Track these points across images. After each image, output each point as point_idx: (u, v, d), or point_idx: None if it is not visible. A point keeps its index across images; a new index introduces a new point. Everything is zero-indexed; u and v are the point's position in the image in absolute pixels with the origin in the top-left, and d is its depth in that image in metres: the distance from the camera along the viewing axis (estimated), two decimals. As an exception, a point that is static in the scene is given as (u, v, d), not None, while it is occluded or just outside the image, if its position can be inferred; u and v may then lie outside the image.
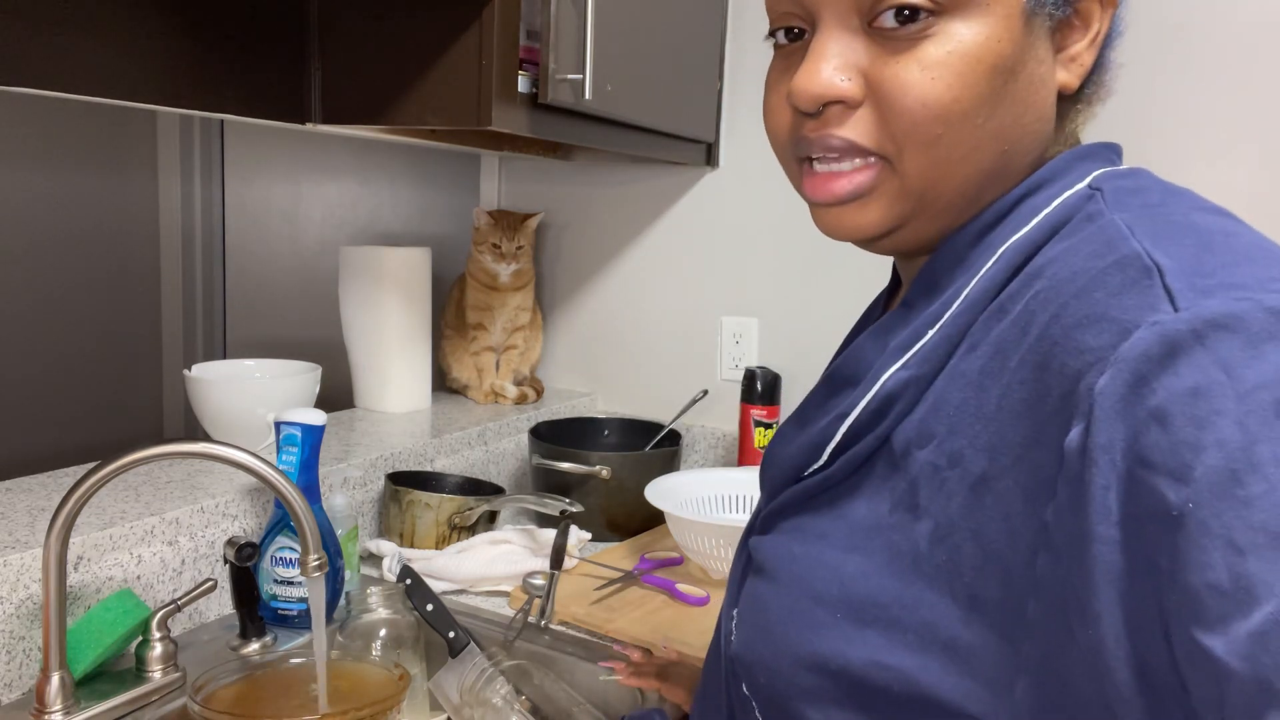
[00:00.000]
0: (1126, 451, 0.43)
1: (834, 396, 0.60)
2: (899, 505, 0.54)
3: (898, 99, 0.54)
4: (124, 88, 1.07)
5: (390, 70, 1.22)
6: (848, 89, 0.55)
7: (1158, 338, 0.43)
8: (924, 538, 0.52)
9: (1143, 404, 0.43)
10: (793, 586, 0.57)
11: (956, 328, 0.55)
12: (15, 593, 0.97)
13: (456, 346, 1.84)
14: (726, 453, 1.79)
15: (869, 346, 0.59)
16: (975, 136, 0.54)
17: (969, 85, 0.53)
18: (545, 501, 1.39)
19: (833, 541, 0.57)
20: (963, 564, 0.50)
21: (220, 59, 1.17)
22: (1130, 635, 0.43)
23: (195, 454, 0.92)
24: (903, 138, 0.54)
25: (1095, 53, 0.58)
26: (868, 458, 0.57)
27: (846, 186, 0.57)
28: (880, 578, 0.53)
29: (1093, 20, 0.57)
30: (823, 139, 0.56)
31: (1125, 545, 0.43)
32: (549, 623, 1.21)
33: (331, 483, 1.33)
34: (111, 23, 1.05)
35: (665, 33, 1.52)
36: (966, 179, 0.56)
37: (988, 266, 0.55)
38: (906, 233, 0.58)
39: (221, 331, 2.44)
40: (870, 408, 0.57)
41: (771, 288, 1.74)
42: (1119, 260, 0.48)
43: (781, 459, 0.63)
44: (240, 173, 2.42)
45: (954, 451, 0.52)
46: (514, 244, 1.79)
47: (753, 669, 0.59)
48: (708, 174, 1.78)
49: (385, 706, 0.95)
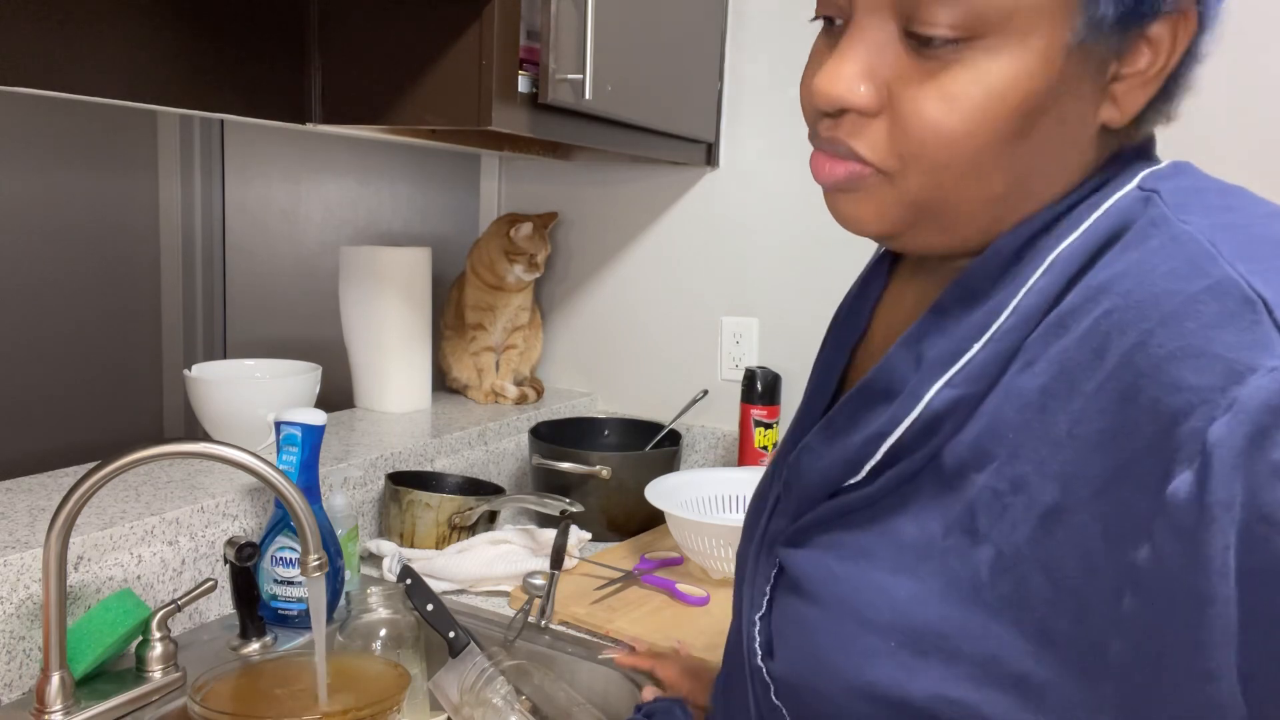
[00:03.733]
0: (1246, 506, 0.41)
1: (868, 410, 0.57)
2: (954, 528, 0.51)
3: (912, 125, 0.51)
4: (124, 88, 1.07)
5: (390, 70, 1.22)
6: (865, 101, 0.52)
7: (1278, 387, 0.41)
8: (985, 565, 0.49)
9: (1265, 458, 0.41)
10: (838, 609, 0.55)
11: (1009, 343, 0.52)
12: (15, 593, 0.97)
13: (456, 346, 1.84)
14: (726, 453, 1.79)
15: (902, 357, 0.56)
16: (984, 169, 0.52)
17: (988, 123, 0.50)
18: (545, 501, 1.39)
19: (878, 561, 0.54)
20: (1031, 597, 0.48)
21: (220, 59, 1.17)
22: (1248, 693, 0.42)
23: (195, 454, 0.92)
24: (909, 158, 0.52)
25: (1157, 85, 0.52)
26: (914, 474, 0.54)
27: (839, 173, 0.55)
28: (939, 605, 0.51)
29: (1160, 52, 0.51)
30: (832, 141, 0.54)
31: (1243, 602, 0.42)
32: (549, 623, 1.21)
33: (331, 483, 1.33)
34: (111, 23, 1.05)
35: (665, 33, 1.52)
36: (974, 200, 0.53)
37: (1037, 276, 0.52)
38: (913, 239, 0.56)
39: (221, 331, 2.44)
40: (914, 428, 0.54)
41: (771, 288, 1.74)
42: (1212, 287, 0.45)
43: (812, 472, 0.60)
44: (240, 173, 2.42)
45: (1017, 477, 0.49)
46: (546, 251, 1.79)
47: (799, 691, 0.57)
48: (708, 174, 1.78)
49: (385, 706, 0.95)
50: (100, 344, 2.25)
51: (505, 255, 1.76)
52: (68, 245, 2.16)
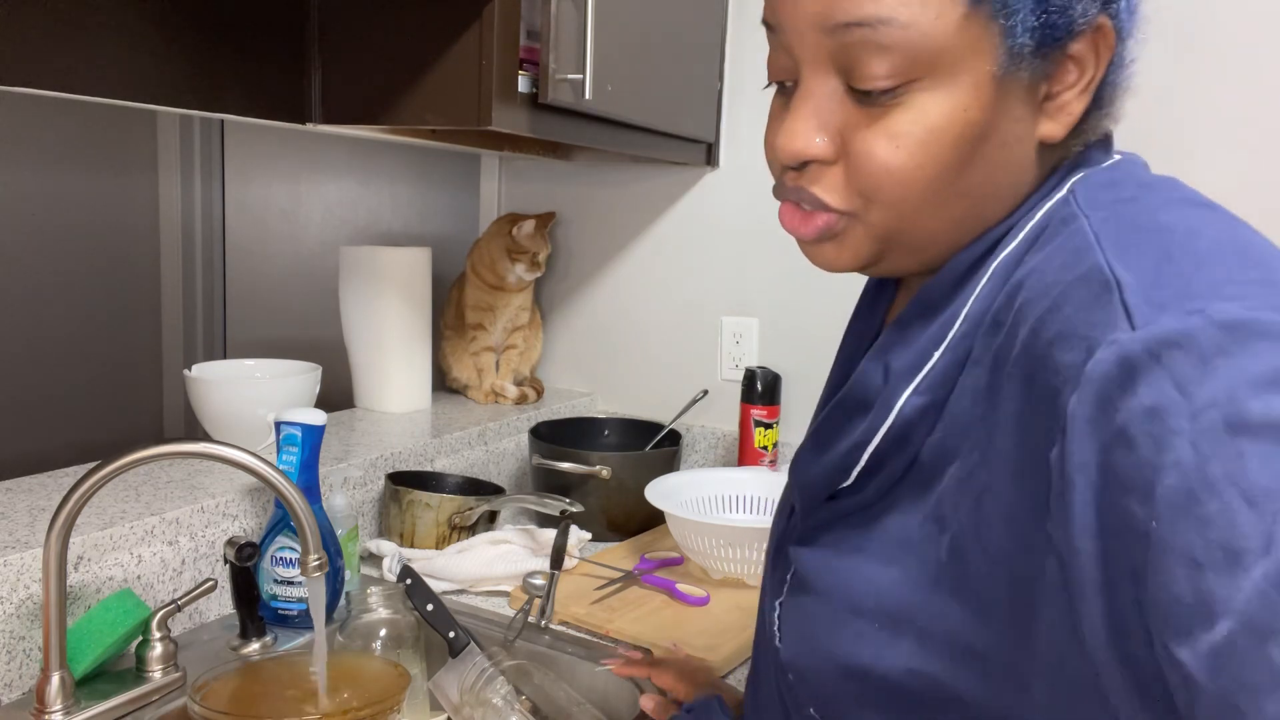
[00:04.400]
0: (1099, 469, 0.44)
1: (847, 421, 0.62)
2: (928, 519, 0.56)
3: (864, 165, 0.56)
4: (124, 88, 1.07)
5: (390, 70, 1.22)
6: (821, 150, 0.57)
7: (1116, 358, 0.44)
8: (945, 550, 0.54)
9: (1109, 424, 0.44)
10: (833, 598, 0.60)
11: (964, 348, 0.56)
12: (15, 593, 0.97)
13: (456, 346, 1.84)
14: (726, 453, 1.79)
15: (871, 369, 0.61)
16: (940, 196, 0.56)
17: (933, 155, 0.54)
18: (545, 501, 1.39)
19: (870, 555, 0.59)
20: (972, 572, 0.52)
21: (220, 59, 1.17)
22: (1118, 642, 0.44)
23: (195, 454, 0.92)
24: (869, 195, 0.56)
25: (1088, 98, 0.56)
26: (899, 478, 0.59)
27: (815, 227, 0.59)
28: (911, 590, 0.55)
29: (1086, 67, 0.56)
30: (797, 190, 0.59)
31: (1104, 558, 0.44)
32: (549, 623, 1.21)
33: (331, 483, 1.33)
34: (111, 23, 1.05)
35: (665, 33, 1.52)
36: (935, 228, 0.58)
37: (982, 285, 0.57)
38: (884, 266, 0.61)
39: (221, 331, 2.44)
40: (890, 435, 0.58)
41: (771, 288, 1.74)
42: (1084, 274, 0.49)
43: (808, 480, 0.65)
44: (240, 173, 2.42)
45: (972, 465, 0.53)
46: (547, 250, 1.79)
47: (804, 675, 0.62)
48: (708, 174, 1.78)
49: (385, 706, 0.95)
50: (100, 344, 2.25)
51: (507, 254, 1.77)
52: (68, 245, 2.16)
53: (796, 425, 1.71)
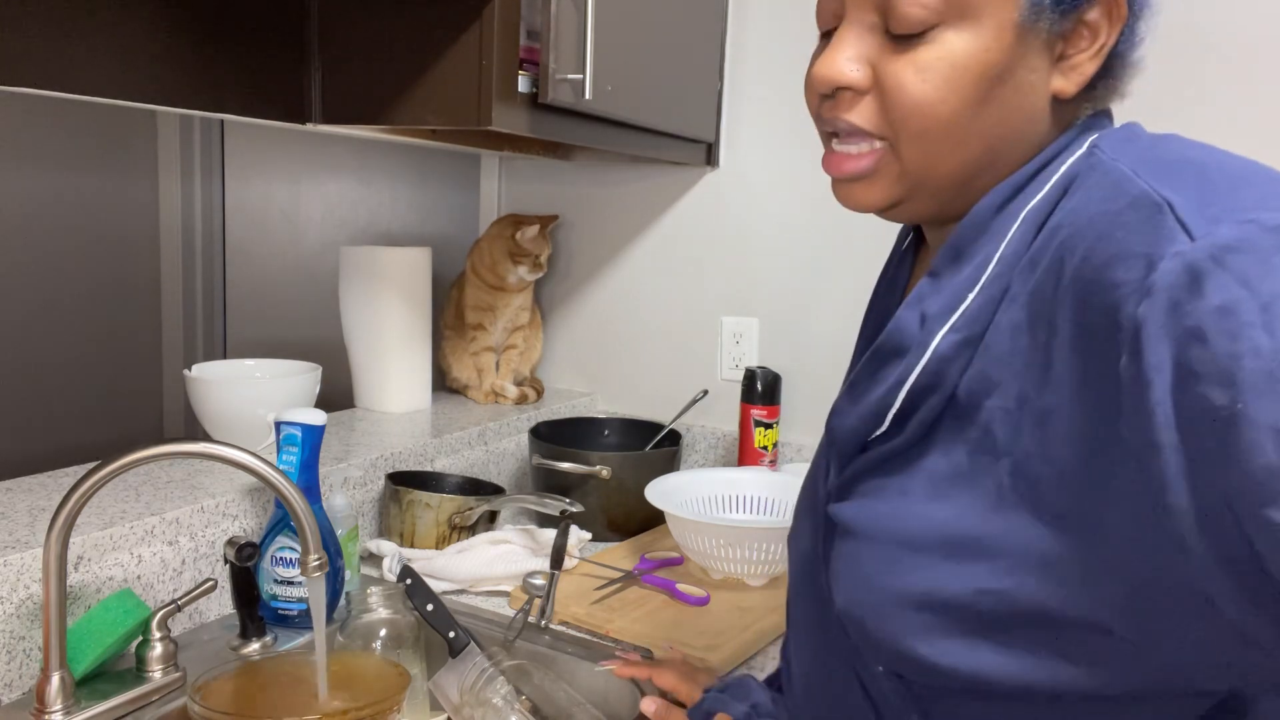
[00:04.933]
0: (1175, 367, 0.49)
1: (883, 367, 0.66)
2: (977, 450, 0.60)
3: (893, 94, 0.62)
4: (125, 88, 1.07)
5: (390, 70, 1.22)
6: (855, 77, 0.63)
7: (1183, 266, 0.49)
8: (1006, 474, 0.58)
9: (1181, 325, 0.49)
10: (883, 538, 0.63)
11: (998, 288, 0.61)
12: (15, 593, 0.97)
13: (456, 346, 1.84)
14: (726, 453, 1.79)
15: (907, 317, 0.65)
16: (961, 133, 0.62)
17: (955, 89, 0.60)
18: (545, 501, 1.39)
19: (915, 495, 0.63)
20: (1043, 488, 0.56)
21: (220, 59, 1.17)
22: (1206, 522, 0.48)
23: (195, 454, 0.92)
24: (897, 125, 0.62)
25: (1099, 62, 0.63)
26: (935, 418, 0.63)
27: (854, 167, 0.65)
28: (971, 517, 0.59)
29: (1099, 32, 0.62)
30: (833, 119, 0.65)
31: (1185, 447, 0.49)
32: (549, 623, 1.21)
33: (332, 483, 1.33)
34: (112, 23, 1.05)
35: (665, 33, 1.52)
36: (954, 168, 0.63)
37: (1013, 230, 0.62)
38: (907, 208, 0.67)
39: (221, 331, 2.44)
40: (928, 371, 0.62)
41: (771, 288, 1.74)
42: (1132, 201, 0.54)
43: (843, 430, 0.69)
44: (240, 173, 2.42)
45: (1021, 394, 0.58)
46: (548, 252, 1.79)
47: (862, 620, 0.64)
48: (708, 174, 1.78)
49: (385, 706, 0.95)
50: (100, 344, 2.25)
51: (510, 257, 1.77)
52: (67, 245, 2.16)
53: (796, 425, 1.71)
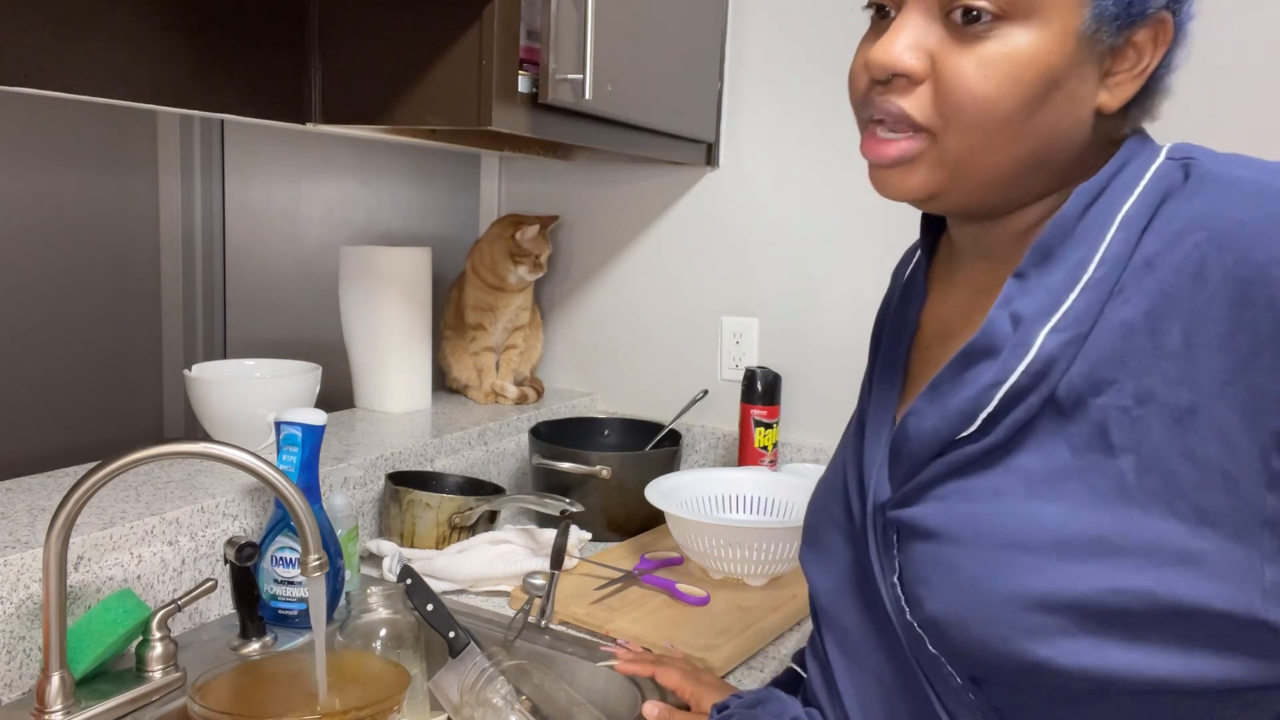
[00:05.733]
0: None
1: (972, 369, 0.66)
2: (1085, 449, 0.60)
3: (951, 86, 0.62)
4: (124, 88, 1.07)
5: (390, 70, 1.22)
6: (914, 66, 0.63)
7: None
8: (1130, 470, 0.59)
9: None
10: (983, 541, 0.62)
11: (1104, 288, 0.62)
12: (15, 593, 0.97)
13: (456, 346, 1.84)
14: (726, 453, 1.79)
15: (998, 317, 0.65)
16: (1012, 131, 0.62)
17: (1014, 87, 0.61)
18: (545, 501, 1.39)
19: (1011, 496, 0.62)
20: (1181, 484, 0.57)
21: (220, 59, 1.17)
22: None
23: (195, 454, 0.92)
24: (949, 117, 0.63)
25: (1140, 83, 0.65)
26: (1031, 417, 0.63)
27: (894, 152, 0.65)
28: (1087, 515, 0.59)
29: (1144, 54, 0.64)
30: (884, 103, 0.65)
31: None
32: (549, 623, 1.21)
33: (332, 483, 1.33)
34: (111, 23, 1.05)
35: (665, 33, 1.52)
36: (999, 164, 0.64)
37: (1112, 233, 0.63)
38: (944, 200, 0.67)
39: (221, 331, 2.44)
40: (1030, 371, 0.62)
41: (771, 288, 1.74)
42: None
43: (922, 433, 0.68)
44: (240, 173, 2.42)
45: (1142, 391, 0.59)
46: (548, 252, 1.79)
47: (960, 626, 0.63)
48: (708, 174, 1.78)
49: (385, 706, 0.95)
50: (100, 344, 2.25)
51: (510, 257, 1.77)
52: (68, 245, 2.16)
53: (796, 425, 1.71)
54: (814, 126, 1.66)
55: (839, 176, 1.65)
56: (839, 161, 1.64)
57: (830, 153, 1.65)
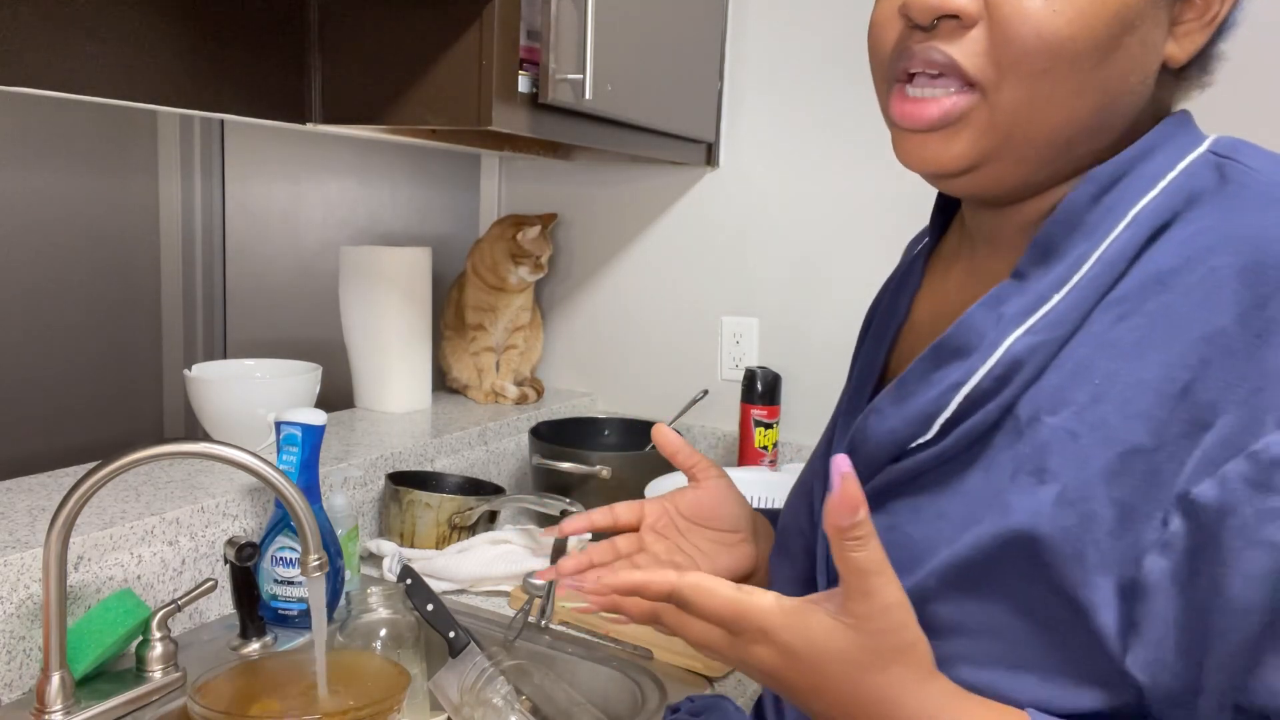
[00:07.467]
0: None
1: (941, 368, 0.57)
2: (1020, 470, 0.53)
3: (1014, 24, 0.52)
4: (124, 88, 1.07)
5: (390, 70, 1.22)
6: (965, 3, 0.53)
7: None
8: (1048, 501, 0.51)
9: None
10: (914, 570, 0.56)
11: (1093, 290, 0.54)
12: (15, 593, 0.97)
13: (456, 346, 1.84)
14: (726, 453, 1.78)
15: (981, 316, 0.57)
16: (1080, 80, 0.53)
17: (1089, 26, 0.52)
18: (545, 501, 1.39)
19: (951, 519, 0.55)
20: (1096, 529, 0.50)
21: (220, 59, 1.17)
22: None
23: (195, 454, 0.92)
24: (1008, 66, 0.53)
25: (1208, 34, 0.57)
26: (987, 429, 0.55)
27: (935, 112, 0.55)
28: (989, 541, 0.53)
29: (1212, 3, 0.56)
30: (926, 50, 0.54)
31: None
32: (549, 623, 1.21)
33: (332, 483, 1.33)
34: (111, 23, 1.05)
35: (665, 33, 1.52)
36: (1060, 124, 0.55)
37: (1120, 229, 0.54)
38: (985, 173, 0.57)
39: (221, 331, 2.44)
40: (993, 374, 0.55)
41: (771, 288, 1.74)
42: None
43: (878, 434, 0.60)
44: (240, 173, 2.42)
45: (1097, 419, 0.51)
46: (549, 252, 1.79)
47: None
48: (708, 174, 1.78)
49: (385, 706, 0.95)
50: (100, 344, 2.25)
51: (511, 258, 1.77)
52: (67, 245, 2.16)
53: (796, 425, 1.71)
54: (814, 126, 1.66)
55: (839, 176, 1.65)
56: (839, 161, 1.64)
57: (831, 152, 1.65)
